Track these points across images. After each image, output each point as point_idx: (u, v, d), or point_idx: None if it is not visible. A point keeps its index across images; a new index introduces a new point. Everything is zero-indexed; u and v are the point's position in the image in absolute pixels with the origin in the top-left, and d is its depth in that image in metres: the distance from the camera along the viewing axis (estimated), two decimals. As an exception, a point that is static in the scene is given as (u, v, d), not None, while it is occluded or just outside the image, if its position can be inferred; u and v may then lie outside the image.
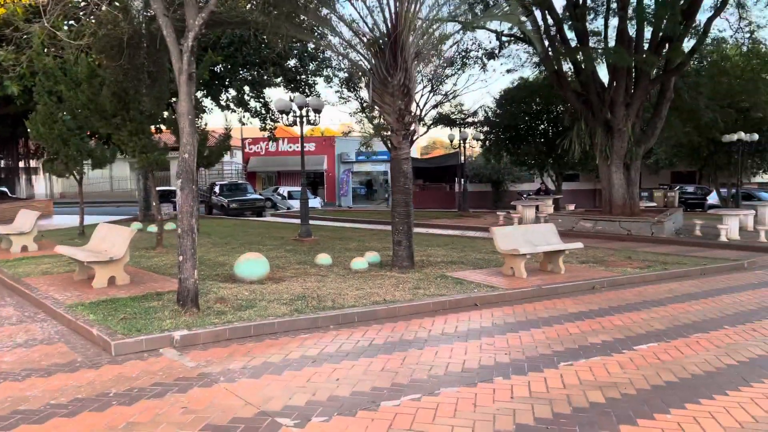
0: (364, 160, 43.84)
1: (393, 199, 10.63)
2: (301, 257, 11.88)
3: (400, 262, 10.53)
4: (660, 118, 17.99)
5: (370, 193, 48.84)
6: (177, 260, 7.12)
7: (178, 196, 7.03)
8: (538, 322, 7.09)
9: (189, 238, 7.01)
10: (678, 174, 38.51)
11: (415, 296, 8.14)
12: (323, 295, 8.16)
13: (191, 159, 7.12)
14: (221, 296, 7.90)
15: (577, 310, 7.75)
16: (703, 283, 9.93)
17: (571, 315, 7.47)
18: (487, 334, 6.55)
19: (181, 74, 7.13)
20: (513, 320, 7.20)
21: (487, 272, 10.17)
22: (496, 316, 7.44)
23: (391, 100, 10.35)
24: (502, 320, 7.20)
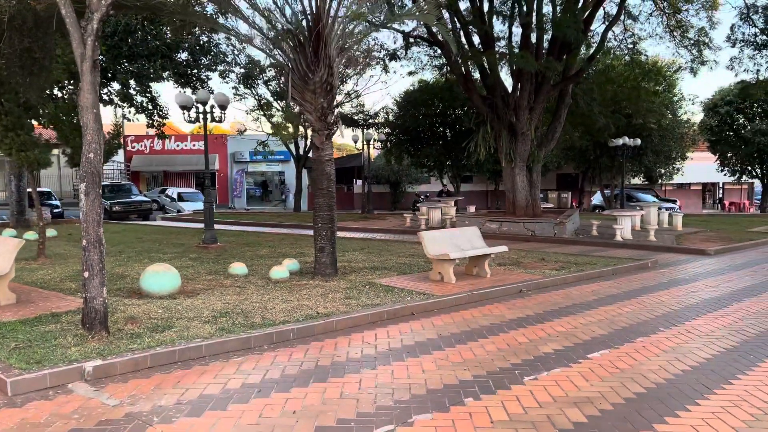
0: (259, 160, 42.36)
1: (316, 203, 10.03)
2: (211, 267, 10.95)
3: (323, 270, 9.95)
4: (559, 123, 18.64)
5: (265, 194, 47.39)
6: (81, 276, 6.13)
7: (83, 202, 6.04)
8: (483, 332, 6.81)
9: (96, 251, 6.04)
10: (563, 176, 40.61)
11: (349, 307, 7.62)
12: (248, 309, 7.43)
13: (97, 159, 6.16)
14: (131, 315, 6.95)
15: (515, 316, 7.57)
16: (620, 283, 10.18)
17: (512, 322, 7.28)
18: (436, 347, 6.17)
19: (84, 61, 6.14)
20: (456, 330, 6.88)
21: (415, 278, 9.84)
22: (438, 325, 7.09)
23: (312, 97, 9.74)
24: (446, 330, 6.86)
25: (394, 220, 23.59)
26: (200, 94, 13.16)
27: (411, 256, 12.81)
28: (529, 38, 16.95)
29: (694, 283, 10.17)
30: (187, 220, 24.83)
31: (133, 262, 11.47)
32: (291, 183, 45.06)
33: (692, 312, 7.87)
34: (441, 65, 23.68)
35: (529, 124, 17.49)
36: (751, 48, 19.40)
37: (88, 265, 6.01)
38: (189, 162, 42.91)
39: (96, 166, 6.14)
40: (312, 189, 10.10)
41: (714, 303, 8.47)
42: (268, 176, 48.19)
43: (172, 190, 33.98)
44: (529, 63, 15.31)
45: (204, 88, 28.54)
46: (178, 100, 13.08)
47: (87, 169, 6.08)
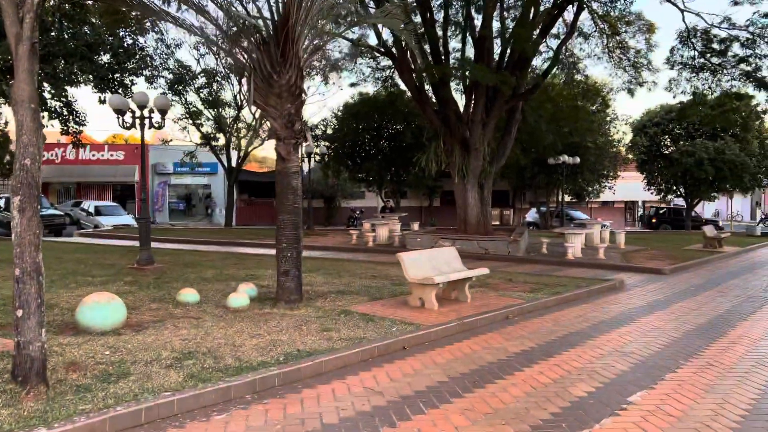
0: (184, 172, 40.09)
1: (280, 220, 8.92)
2: (153, 293, 9.58)
3: (288, 296, 8.84)
4: (510, 139, 18.34)
5: (188, 208, 44.95)
6: (13, 315, 4.82)
7: (16, 221, 4.76)
8: (494, 370, 5.98)
9: (34, 283, 4.77)
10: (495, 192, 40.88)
11: (332, 342, 6.60)
12: (214, 348, 6.26)
13: (35, 167, 4.90)
14: (72, 360, 5.63)
15: (518, 349, 6.80)
16: (600, 307, 9.68)
17: (519, 357, 6.50)
18: (453, 393, 5.28)
19: (20, 43, 4.89)
20: (464, 369, 6.01)
21: (391, 304, 8.92)
22: (440, 363, 6.20)
23: (277, 102, 8.67)
24: (453, 370, 5.97)
25: (337, 236, 22.57)
26: (138, 97, 11.72)
27: (374, 277, 11.88)
28: (484, 52, 16.54)
29: (674, 306, 9.81)
30: (109, 237, 22.77)
31: (58, 287, 9.89)
32: (218, 196, 43.05)
33: (701, 339, 7.38)
34: (385, 78, 23.00)
35: (482, 140, 17.04)
36: (689, 70, 19.90)
37: (23, 300, 4.73)
38: (105, 173, 40.13)
39: (34, 175, 4.88)
40: (276, 203, 9.01)
41: (714, 328, 8.06)
42: (191, 189, 45.83)
43: (88, 204, 31.35)
44: (487, 76, 14.84)
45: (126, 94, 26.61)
46: (113, 102, 11.59)
47: (22, 179, 4.80)
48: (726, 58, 18.85)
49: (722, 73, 19.37)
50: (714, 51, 18.75)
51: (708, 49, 18.86)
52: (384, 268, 13.48)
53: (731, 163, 27.93)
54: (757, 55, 17.76)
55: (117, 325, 6.93)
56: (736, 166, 27.99)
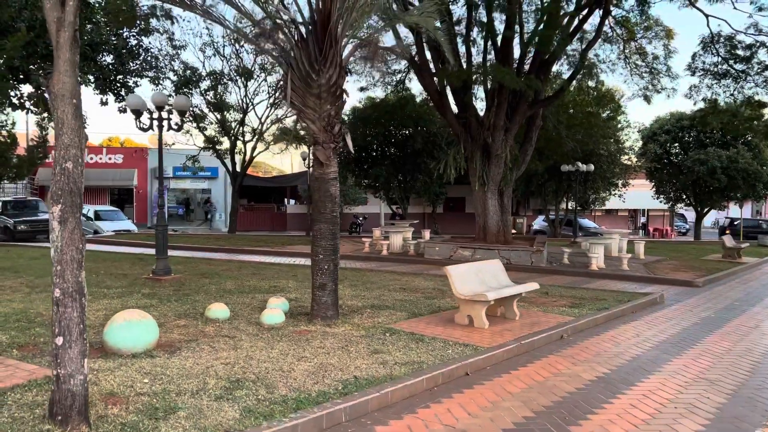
0: (184, 176, 39.34)
1: (316, 230, 8.29)
2: (177, 307, 8.91)
3: (324, 312, 8.20)
4: (531, 145, 17.81)
5: (187, 213, 44.12)
6: (51, 342, 4.17)
7: (56, 233, 4.11)
8: (579, 402, 5.37)
9: (76, 306, 4.12)
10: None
11: (388, 367, 5.98)
12: (262, 374, 5.63)
13: (78, 171, 4.26)
14: (110, 390, 4.98)
15: (592, 376, 6.19)
16: (652, 324, 9.10)
17: (598, 386, 5.88)
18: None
19: (61, 29, 4.27)
20: (546, 401, 5.38)
21: (435, 321, 8.31)
22: (516, 393, 5.58)
23: (316, 103, 8.06)
24: (534, 402, 5.35)
25: (346, 244, 21.90)
26: (156, 97, 11.07)
27: (403, 290, 11.27)
28: (507, 55, 16.00)
29: (730, 324, 9.24)
30: (112, 243, 21.99)
31: (73, 300, 9.20)
32: (217, 201, 42.27)
33: (782, 365, 6.80)
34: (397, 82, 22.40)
35: (504, 146, 16.49)
36: (711, 77, 19.45)
37: (64, 326, 4.07)
38: (103, 177, 39.34)
39: (76, 180, 4.24)
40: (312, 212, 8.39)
41: (786, 351, 7.49)
42: (190, 194, 45.02)
43: (87, 208, 30.49)
44: (513, 80, 14.29)
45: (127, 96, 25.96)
46: (130, 102, 10.93)
47: (63, 185, 4.17)
48: (750, 64, 18.42)
49: (745, 80, 18.93)
50: (738, 57, 18.31)
51: (732, 55, 18.41)
52: (409, 280, 12.86)
53: (744, 171, 27.54)
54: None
55: (149, 347, 6.27)
56: (750, 174, 27.60)
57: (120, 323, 6.17)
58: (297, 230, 35.91)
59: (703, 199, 30.50)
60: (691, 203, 31.71)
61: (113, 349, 6.11)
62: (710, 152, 28.02)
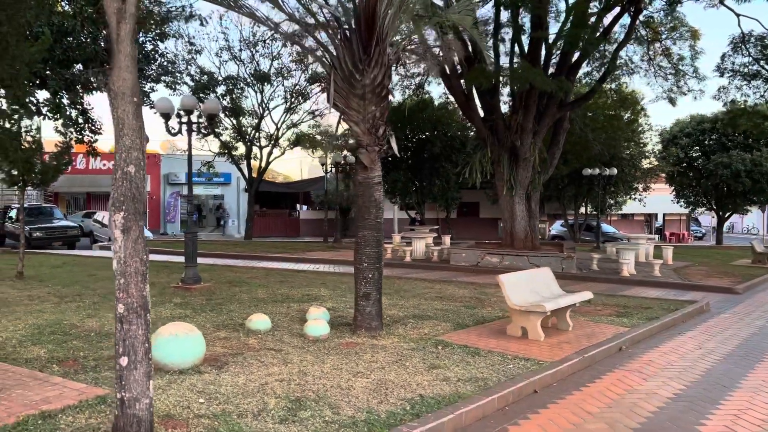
0: (197, 182, 39.07)
1: (360, 237, 7.92)
2: (213, 317, 8.55)
3: (368, 322, 7.83)
4: (558, 148, 17.41)
5: (199, 219, 43.85)
6: (116, 363, 3.81)
7: (119, 243, 3.76)
8: (667, 424, 4.97)
9: (141, 323, 3.76)
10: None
11: (451, 384, 5.60)
12: (321, 392, 5.26)
13: (140, 176, 3.91)
14: (166, 412, 4.61)
15: (669, 394, 5.78)
16: (709, 335, 8.68)
17: (679, 404, 5.48)
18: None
19: (122, 21, 3.93)
20: (633, 423, 4.97)
21: (484, 333, 7.92)
22: (594, 413, 5.18)
23: (360, 104, 7.70)
24: (621, 425, 4.95)
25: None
26: (185, 101, 10.75)
27: (440, 298, 10.90)
28: (536, 56, 15.63)
29: (792, 334, 8.81)
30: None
31: (105, 310, 8.87)
32: (230, 207, 41.97)
33: None
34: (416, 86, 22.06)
35: (532, 149, 16.10)
36: (740, 78, 19.02)
37: (128, 345, 3.71)
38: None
39: (139, 186, 3.89)
40: (356, 218, 8.02)
41: None
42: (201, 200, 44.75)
43: (102, 215, 30.21)
44: (544, 81, 13.91)
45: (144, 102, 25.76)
46: (159, 106, 10.61)
47: (125, 192, 3.81)
48: (783, 65, 18.00)
49: (777, 81, 18.50)
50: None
51: (764, 55, 17.98)
52: (442, 288, 12.48)
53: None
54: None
55: (196, 362, 5.92)
56: (775, 178, 27.11)
57: (166, 337, 5.81)
58: (310, 236, 35.56)
59: (726, 203, 29.97)
60: (712, 207, 31.18)
61: (159, 364, 5.74)
62: (734, 155, 27.52)
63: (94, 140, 24.88)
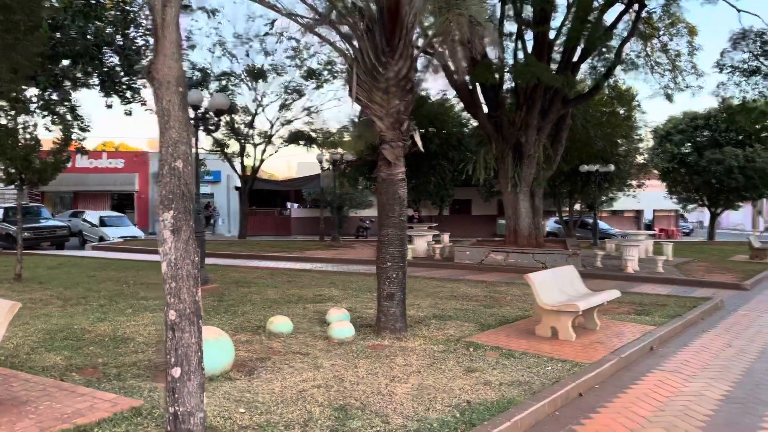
0: (185, 181, 38.48)
1: (383, 235, 7.68)
2: (230, 320, 8.26)
3: (392, 323, 7.59)
4: (561, 144, 17.29)
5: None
6: (167, 374, 3.53)
7: (169, 245, 3.48)
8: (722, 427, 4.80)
9: (194, 331, 3.49)
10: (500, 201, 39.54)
11: (493, 388, 5.40)
12: (362, 398, 5.02)
13: (189, 172, 3.63)
14: (209, 424, 4.32)
15: (717, 396, 5.60)
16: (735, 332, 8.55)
17: (731, 406, 5.31)
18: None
19: (168, 5, 3.64)
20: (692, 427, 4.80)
21: (512, 333, 7.72)
22: (648, 417, 4.99)
23: (383, 98, 7.46)
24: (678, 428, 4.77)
25: (366, 248, 21.28)
26: (191, 96, 10.41)
27: (454, 297, 10.69)
28: (542, 51, 15.45)
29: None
30: (125, 250, 21.21)
31: (114, 313, 8.53)
32: (221, 206, 41.43)
33: None
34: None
35: (537, 146, 15.94)
36: (739, 74, 19.03)
37: (181, 355, 3.44)
38: (103, 182, 38.49)
39: (188, 183, 3.61)
40: (379, 216, 7.78)
41: None
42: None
43: (91, 214, 29.59)
44: (551, 77, 13.74)
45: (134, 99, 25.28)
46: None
47: (174, 188, 3.53)
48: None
49: (776, 77, 18.52)
50: (770, 54, 17.89)
51: (763, 51, 17.98)
52: (453, 286, 12.28)
53: (762, 171, 27.17)
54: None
55: (226, 368, 5.64)
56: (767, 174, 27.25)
57: (195, 343, 5.51)
58: (302, 234, 35.19)
59: (718, 199, 30.13)
60: (704, 203, 31.33)
61: (188, 371, 5.45)
62: (727, 151, 27.64)
63: (82, 138, 24.35)
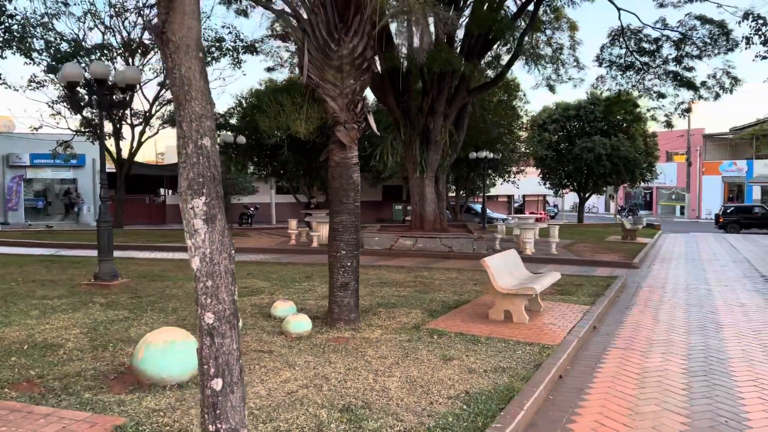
0: (43, 165, 34.85)
1: (337, 222, 7.29)
2: (160, 318, 7.46)
3: (346, 314, 7.26)
4: (463, 131, 17.67)
5: (46, 206, 39.16)
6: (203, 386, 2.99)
7: (202, 236, 2.95)
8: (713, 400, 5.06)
9: (234, 336, 3.00)
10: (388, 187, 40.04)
11: (483, 376, 5.32)
12: (359, 396, 4.72)
13: (216, 151, 3.10)
14: (213, 439, 3.79)
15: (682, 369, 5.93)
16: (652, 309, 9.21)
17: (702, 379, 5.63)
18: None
19: (188, -50, 3.05)
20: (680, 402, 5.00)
21: (467, 318, 7.70)
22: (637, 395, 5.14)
23: (336, 77, 7.04)
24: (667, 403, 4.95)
25: (263, 237, 20.49)
26: (97, 68, 9.18)
27: (383, 284, 10.56)
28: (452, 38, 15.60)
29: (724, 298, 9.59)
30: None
31: (18, 315, 7.39)
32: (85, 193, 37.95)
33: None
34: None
35: (443, 132, 16.14)
36: (616, 69, 20.52)
37: (222, 364, 2.93)
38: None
39: (217, 164, 3.08)
40: (331, 201, 7.41)
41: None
42: (46, 184, 40.02)
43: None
44: (462, 64, 13.92)
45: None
46: (66, 72, 8.96)
47: (203, 169, 2.99)
48: (654, 57, 19.62)
49: (647, 72, 20.17)
50: (644, 50, 19.43)
51: (639, 48, 19.51)
52: (378, 273, 12.16)
53: (625, 159, 29.75)
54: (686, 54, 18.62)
55: (195, 373, 5.03)
56: (630, 161, 29.87)
57: (161, 345, 4.87)
58: (178, 223, 33.21)
59: (587, 185, 32.59)
60: (575, 189, 33.76)
61: (154, 378, 4.81)
62: (596, 140, 29.93)
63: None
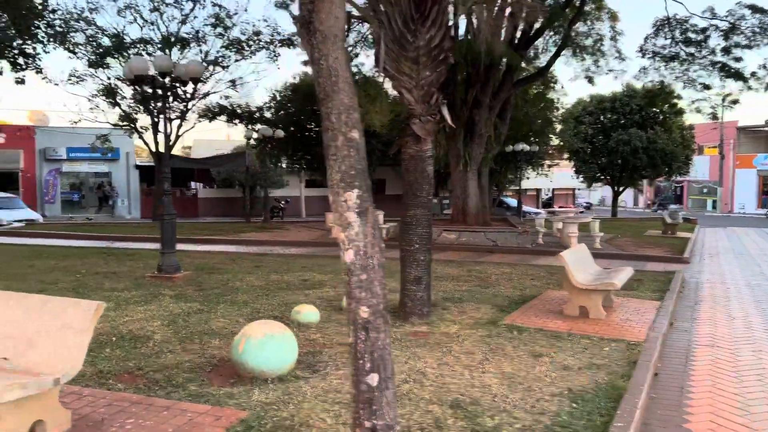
0: (80, 158, 35.34)
1: (411, 216, 7.23)
2: (234, 311, 7.48)
3: (419, 308, 7.22)
4: (505, 124, 17.49)
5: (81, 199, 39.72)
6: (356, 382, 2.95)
7: (357, 229, 2.90)
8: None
9: (387, 330, 2.95)
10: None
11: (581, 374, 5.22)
12: (466, 393, 4.66)
13: (363, 144, 3.05)
14: (337, 435, 3.78)
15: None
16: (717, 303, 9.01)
17: (797, 376, 5.48)
18: None
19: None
20: (783, 400, 4.87)
21: (540, 313, 7.60)
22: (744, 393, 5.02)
23: (413, 69, 6.96)
24: (774, 402, 4.82)
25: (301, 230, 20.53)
26: (160, 61, 9.23)
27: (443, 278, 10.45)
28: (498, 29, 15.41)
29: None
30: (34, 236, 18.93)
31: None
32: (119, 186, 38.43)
33: None
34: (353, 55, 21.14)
35: (488, 125, 15.99)
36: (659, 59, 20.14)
37: (377, 358, 2.90)
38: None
39: (365, 157, 3.03)
40: (405, 195, 7.34)
41: None
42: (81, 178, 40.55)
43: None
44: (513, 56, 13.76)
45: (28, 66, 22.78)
46: (134, 67, 9.02)
47: (353, 163, 2.95)
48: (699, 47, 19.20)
49: (692, 63, 19.74)
50: (690, 41, 19.02)
51: (685, 38, 19.10)
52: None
53: (662, 151, 29.26)
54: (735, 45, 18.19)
55: (292, 366, 5.02)
56: (667, 154, 29.39)
57: (260, 338, 4.86)
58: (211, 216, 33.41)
59: (621, 178, 32.15)
60: (609, 182, 33.35)
61: (254, 371, 4.80)
62: (633, 133, 29.48)
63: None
